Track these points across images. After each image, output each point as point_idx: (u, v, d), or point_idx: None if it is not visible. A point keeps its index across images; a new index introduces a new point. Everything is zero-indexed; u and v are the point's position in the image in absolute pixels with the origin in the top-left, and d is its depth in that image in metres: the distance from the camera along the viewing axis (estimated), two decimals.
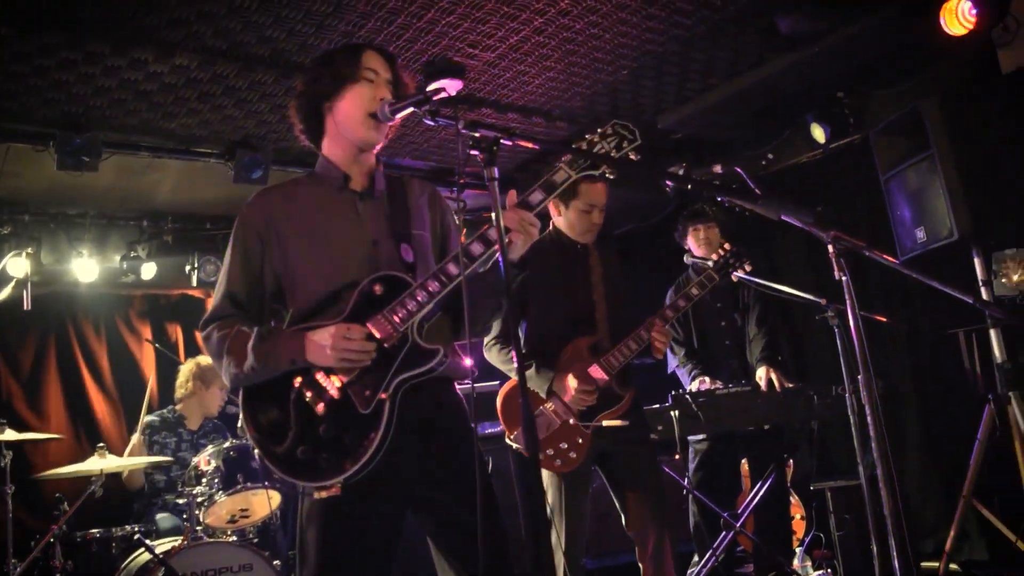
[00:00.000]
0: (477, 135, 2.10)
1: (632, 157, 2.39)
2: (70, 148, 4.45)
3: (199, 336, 2.32)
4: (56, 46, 3.78)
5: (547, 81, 4.77)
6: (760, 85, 4.94)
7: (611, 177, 2.37)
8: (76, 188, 5.39)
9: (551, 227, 3.70)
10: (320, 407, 2.15)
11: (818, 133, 5.18)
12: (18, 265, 5.46)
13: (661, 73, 4.86)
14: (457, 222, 2.47)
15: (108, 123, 4.63)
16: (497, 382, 3.71)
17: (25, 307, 5.03)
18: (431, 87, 4.52)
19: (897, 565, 2.78)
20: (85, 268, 5.92)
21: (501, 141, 2.11)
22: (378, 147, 2.43)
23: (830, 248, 2.92)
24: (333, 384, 2.16)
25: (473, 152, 2.11)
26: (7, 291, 4.94)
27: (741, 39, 4.52)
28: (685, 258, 4.56)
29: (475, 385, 2.14)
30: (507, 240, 2.27)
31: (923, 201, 4.49)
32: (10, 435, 4.35)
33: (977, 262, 4.55)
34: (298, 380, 2.17)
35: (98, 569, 4.38)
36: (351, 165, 2.39)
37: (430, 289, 2.21)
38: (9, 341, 6.02)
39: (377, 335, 2.18)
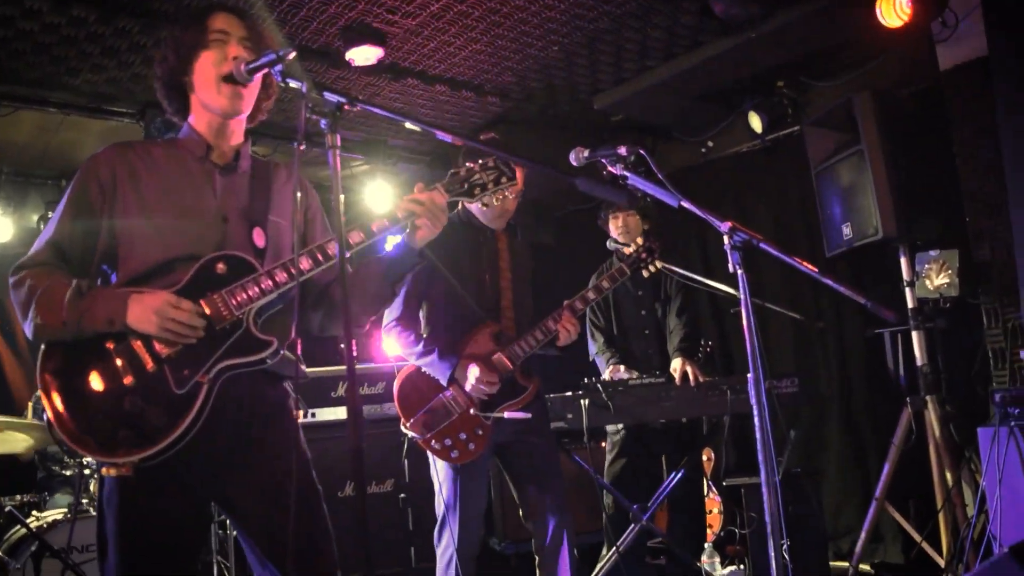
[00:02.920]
0: (320, 98, 1.96)
1: (508, 195, 2.46)
2: None
3: (10, 280, 2.09)
4: None
5: (474, 53, 4.61)
6: (698, 70, 4.82)
7: (484, 208, 2.34)
8: None
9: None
10: (129, 378, 1.96)
11: (756, 122, 5.08)
12: None
13: (594, 51, 4.71)
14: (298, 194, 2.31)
15: (10, 76, 4.40)
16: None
17: None
18: (349, 53, 4.35)
19: (773, 568, 2.67)
20: (0, 227, 5.70)
21: (344, 107, 1.98)
22: (243, 120, 2.29)
23: (725, 240, 2.78)
24: (149, 357, 1.98)
25: (314, 117, 1.96)
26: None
27: (676, 19, 4.39)
28: (608, 243, 4.46)
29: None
30: (414, 224, 2.22)
31: (851, 197, 4.40)
32: None
33: (903, 261, 4.46)
34: (111, 344, 1.99)
35: None
36: (216, 138, 2.24)
37: (277, 279, 2.08)
38: None
39: (208, 313, 2.03)
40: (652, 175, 3.00)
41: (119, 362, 1.98)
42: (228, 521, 2.19)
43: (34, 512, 4.27)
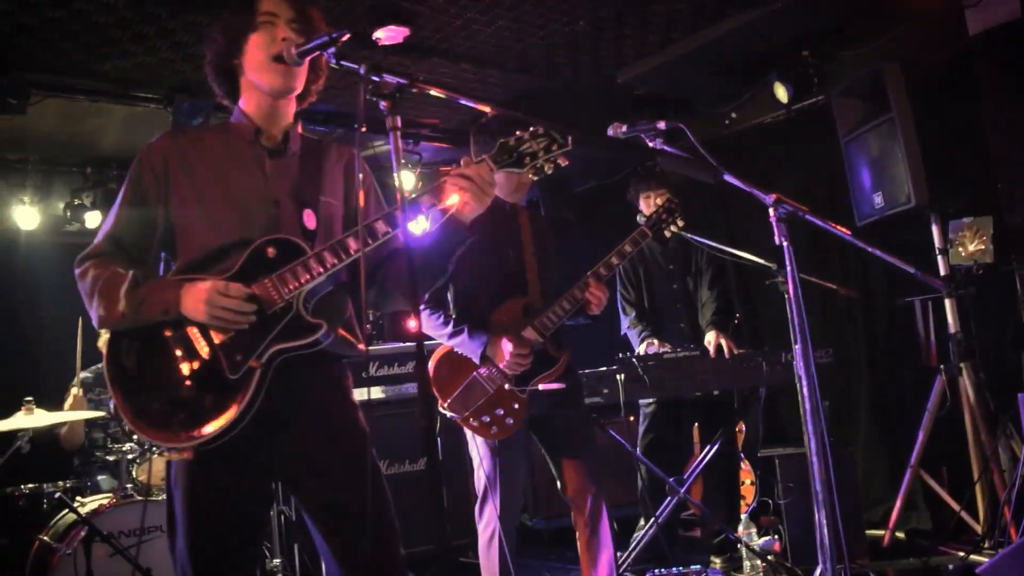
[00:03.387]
0: (378, 80, 1.96)
1: (561, 163, 2.28)
2: None
3: (75, 272, 2.14)
4: None
5: (499, 30, 4.58)
6: (722, 41, 4.79)
7: (534, 178, 2.27)
8: (17, 132, 5.18)
9: None
10: (185, 365, 2.01)
11: (781, 93, 5.04)
12: None
13: (621, 24, 4.68)
14: (360, 176, 2.31)
15: (37, 64, 4.40)
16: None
17: None
18: (376, 33, 4.34)
19: (827, 535, 2.70)
20: (27, 215, 5.73)
21: (406, 88, 1.97)
22: (294, 101, 2.28)
23: (771, 212, 2.80)
24: (204, 343, 2.02)
25: (374, 99, 1.96)
26: None
27: None
28: (638, 218, 4.45)
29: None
30: (459, 202, 2.18)
31: (882, 166, 4.39)
32: None
33: (935, 230, 4.47)
34: (168, 332, 2.03)
35: (28, 527, 4.26)
36: (266, 120, 2.23)
37: (325, 261, 2.07)
38: None
39: (258, 297, 2.05)
40: (692, 148, 3.00)
41: (176, 350, 2.02)
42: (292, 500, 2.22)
43: (78, 498, 4.32)
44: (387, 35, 4.35)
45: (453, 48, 4.77)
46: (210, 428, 1.96)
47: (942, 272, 4.36)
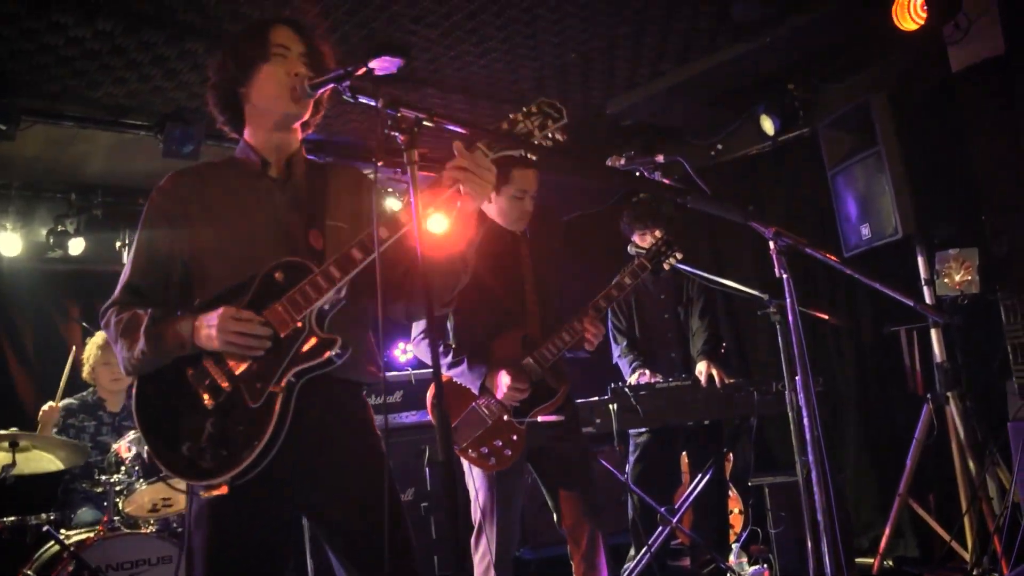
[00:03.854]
0: (397, 115, 1.97)
1: (559, 137, 2.23)
2: None
3: (101, 324, 2.17)
4: None
5: (491, 62, 4.63)
6: (711, 73, 4.87)
7: (533, 159, 2.22)
8: (0, 157, 5.12)
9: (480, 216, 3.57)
10: (208, 400, 2.01)
11: (767, 125, 5.12)
12: None
13: (612, 57, 4.74)
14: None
15: (29, 89, 4.37)
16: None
17: None
18: (371, 64, 4.36)
19: (829, 564, 2.71)
20: (8, 242, 5.66)
21: (424, 123, 1.99)
22: (298, 129, 2.30)
23: (771, 245, 2.83)
24: (224, 375, 2.02)
25: (393, 133, 1.97)
26: None
27: (695, 23, 4.42)
28: (629, 248, 4.47)
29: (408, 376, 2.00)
30: (459, 192, 2.13)
31: (869, 198, 4.46)
32: None
33: (920, 261, 4.54)
34: (189, 370, 2.04)
35: (10, 559, 4.17)
36: (271, 151, 2.25)
37: (332, 275, 2.06)
38: None
39: (271, 323, 2.04)
40: (691, 181, 3.04)
41: (197, 386, 2.03)
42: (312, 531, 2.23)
43: (61, 530, 4.23)
44: (380, 65, 4.38)
45: (445, 79, 4.80)
46: (244, 461, 1.96)
47: (928, 302, 4.43)
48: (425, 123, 1.99)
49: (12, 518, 4.25)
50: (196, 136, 4.79)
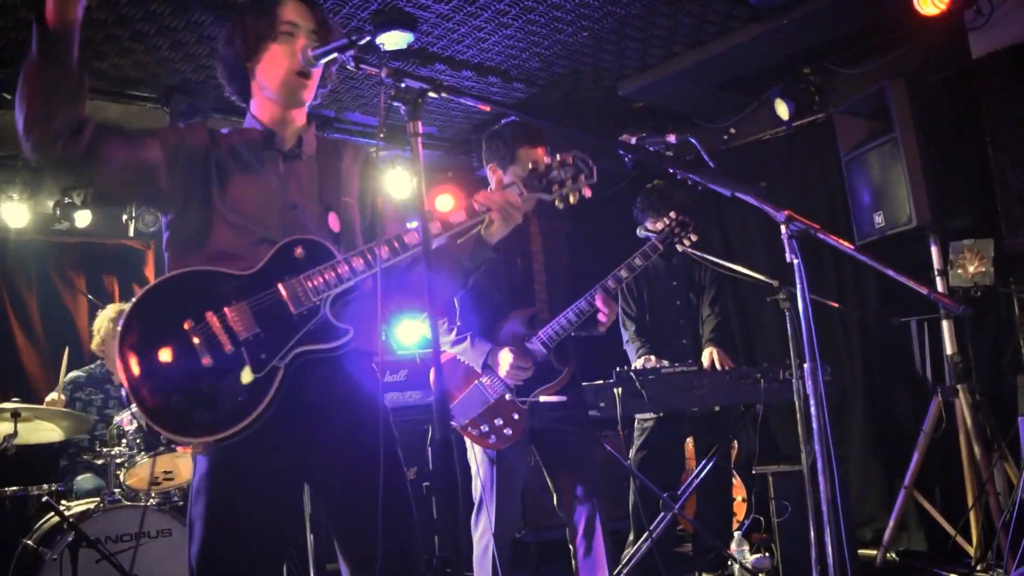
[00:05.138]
0: (402, 86, 1.93)
1: (586, 193, 2.32)
2: None
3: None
4: None
5: (503, 39, 4.56)
6: (725, 56, 4.79)
7: (560, 206, 2.30)
8: (7, 128, 5.05)
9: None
10: (207, 359, 1.95)
11: (782, 109, 5.04)
12: None
13: (623, 37, 4.67)
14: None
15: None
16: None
17: None
18: (380, 38, 4.30)
19: (832, 555, 2.68)
20: (15, 213, 5.62)
21: (428, 94, 1.95)
22: (306, 106, 2.27)
23: (783, 229, 2.77)
24: (227, 338, 1.97)
25: (396, 104, 1.93)
26: None
27: (708, 6, 4.35)
28: (639, 232, 4.41)
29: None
30: (486, 221, 2.21)
31: (883, 186, 4.39)
32: None
33: (934, 251, 4.48)
34: (188, 323, 1.97)
35: (12, 530, 4.18)
36: (278, 125, 2.23)
37: (354, 266, 2.07)
38: None
39: (285, 297, 2.03)
40: (702, 163, 2.99)
41: (197, 342, 1.96)
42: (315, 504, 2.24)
43: (63, 501, 4.24)
44: (391, 40, 4.31)
45: (456, 55, 4.74)
46: (230, 426, 1.93)
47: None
48: (430, 94, 1.96)
49: (14, 488, 4.26)
50: (202, 108, 4.75)
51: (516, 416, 3.26)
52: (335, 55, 2.12)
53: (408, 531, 2.12)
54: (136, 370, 1.93)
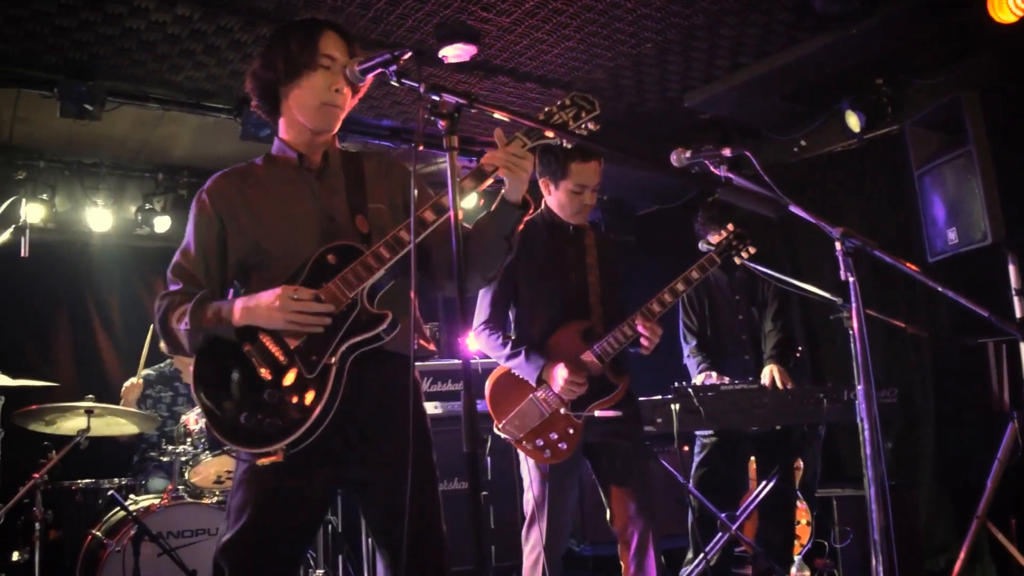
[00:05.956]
0: (438, 100, 1.96)
1: (592, 127, 2.31)
2: (74, 96, 4.37)
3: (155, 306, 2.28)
4: None
5: (566, 51, 4.57)
6: (792, 67, 4.70)
7: (568, 147, 2.26)
8: (92, 137, 5.35)
9: (543, 206, 3.53)
10: (266, 372, 2.12)
11: (853, 121, 4.90)
12: (35, 211, 5.42)
13: (688, 48, 4.63)
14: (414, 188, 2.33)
15: (114, 72, 4.54)
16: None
17: (22, 254, 4.98)
18: (443, 51, 4.37)
19: None
20: (99, 218, 5.88)
21: (464, 108, 1.97)
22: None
23: (837, 245, 2.69)
24: (280, 350, 2.13)
25: (433, 118, 1.96)
26: (6, 235, 4.89)
27: (773, 16, 4.27)
28: (700, 246, 4.35)
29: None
30: (497, 180, 2.24)
31: (957, 201, 4.22)
32: (2, 380, 4.34)
33: (1012, 269, 4.28)
34: (247, 346, 2.14)
35: (83, 521, 4.36)
36: (306, 146, 2.34)
37: (382, 255, 2.16)
38: (16, 287, 5.96)
39: (324, 299, 2.14)
40: (757, 177, 2.92)
41: (255, 360, 2.13)
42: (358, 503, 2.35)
43: (131, 495, 4.40)
44: (454, 53, 4.37)
45: (519, 68, 4.77)
46: (299, 429, 2.06)
47: (1018, 313, 4.17)
48: (467, 108, 1.98)
49: (86, 481, 4.45)
50: (268, 122, 4.87)
51: (571, 431, 3.24)
52: (379, 70, 2.16)
53: (436, 530, 2.23)
54: (209, 399, 2.12)
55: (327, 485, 2.25)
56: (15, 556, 4.31)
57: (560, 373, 3.19)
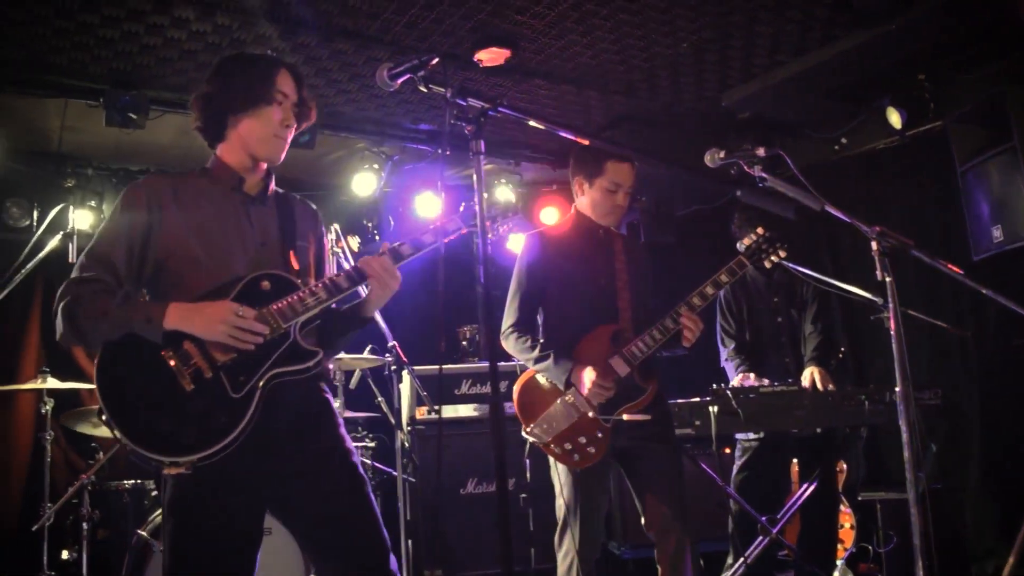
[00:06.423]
0: (464, 104, 1.98)
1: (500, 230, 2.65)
2: (118, 105, 4.48)
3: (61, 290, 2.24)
4: (97, 2, 3.78)
5: (600, 52, 4.55)
6: (832, 63, 4.62)
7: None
8: (138, 145, 5.46)
9: (572, 210, 3.52)
10: (188, 384, 2.12)
11: (894, 118, 4.81)
12: (83, 217, 5.56)
13: (725, 47, 4.58)
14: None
15: (157, 81, 4.64)
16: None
17: (71, 260, 5.11)
18: (478, 55, 4.39)
19: None
20: None
21: (489, 112, 1.99)
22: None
23: (874, 245, 2.65)
24: (206, 364, 2.14)
25: (459, 123, 1.98)
26: (55, 242, 5.03)
27: (810, 12, 4.21)
28: (738, 246, 4.30)
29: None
30: (365, 288, 2.39)
31: (1002, 198, 4.15)
32: (52, 383, 4.46)
33: None
34: (168, 354, 2.13)
35: (129, 520, 4.46)
36: (246, 171, 2.41)
37: (319, 295, 2.26)
38: None
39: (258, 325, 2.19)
40: (792, 177, 2.89)
41: (177, 369, 2.13)
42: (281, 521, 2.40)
43: None
44: (489, 57, 4.39)
45: (554, 70, 4.77)
46: (216, 443, 2.08)
47: None
48: (492, 113, 2.00)
49: (132, 481, 4.55)
50: (312, 126, 4.94)
51: (600, 435, 3.22)
52: (408, 75, 2.19)
53: (376, 532, 2.30)
54: (121, 401, 2.08)
55: (253, 502, 2.25)
56: (65, 554, 4.43)
57: (588, 376, 3.16)
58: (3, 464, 5.47)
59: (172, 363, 2.12)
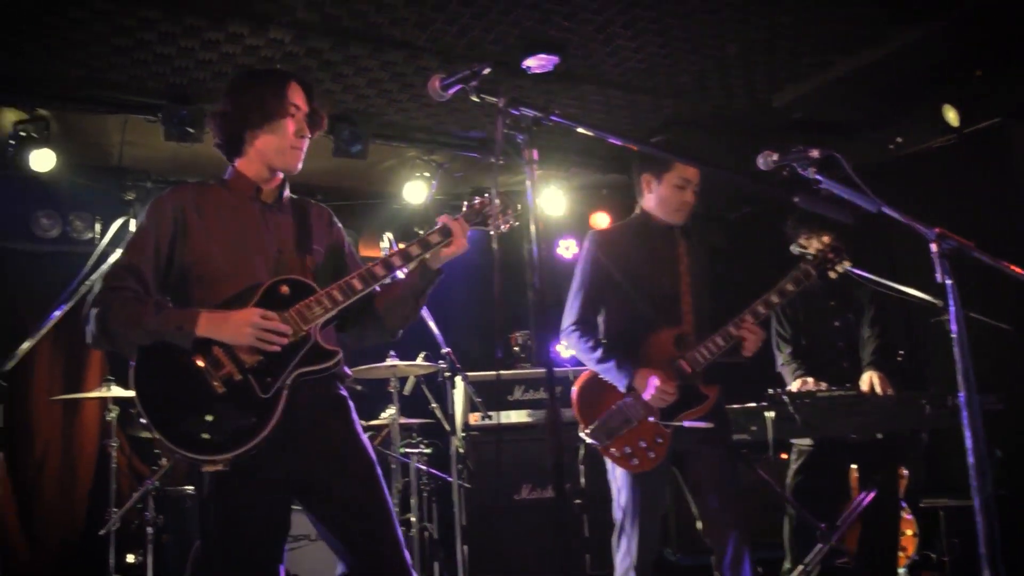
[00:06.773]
0: (517, 114, 1.99)
1: (504, 227, 2.69)
2: (176, 119, 4.61)
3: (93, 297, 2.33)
4: (154, 20, 3.89)
5: (649, 56, 4.55)
6: (884, 62, 4.55)
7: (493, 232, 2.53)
8: (196, 158, 5.56)
9: (638, 210, 3.50)
10: (219, 386, 2.22)
11: (951, 116, 4.71)
12: None
13: (774, 48, 4.54)
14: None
15: (213, 96, 4.71)
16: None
17: None
18: (527, 62, 4.41)
19: None
20: None
21: (541, 120, 2.00)
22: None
23: (933, 247, 2.60)
24: (235, 367, 2.24)
25: (511, 132, 2.00)
26: (118, 254, 5.17)
27: (860, 11, 4.15)
28: (792, 248, 4.25)
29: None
30: (444, 244, 2.50)
31: None
32: (116, 391, 4.59)
33: None
34: (199, 359, 2.24)
35: (192, 525, 4.57)
36: (263, 182, 2.51)
37: (336, 297, 2.36)
38: None
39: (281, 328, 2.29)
40: (848, 179, 2.85)
41: (210, 374, 2.24)
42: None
43: None
44: (537, 64, 4.41)
45: (602, 75, 4.77)
46: (248, 442, 2.20)
47: None
48: (544, 122, 2.01)
49: (194, 488, 4.65)
50: (363, 135, 5.03)
51: (660, 439, 3.20)
52: (460, 85, 2.21)
53: (389, 525, 2.37)
54: (158, 405, 2.20)
55: (282, 495, 2.35)
56: (130, 558, 4.55)
57: (653, 381, 3.14)
58: (70, 470, 5.65)
59: (203, 367, 2.23)
